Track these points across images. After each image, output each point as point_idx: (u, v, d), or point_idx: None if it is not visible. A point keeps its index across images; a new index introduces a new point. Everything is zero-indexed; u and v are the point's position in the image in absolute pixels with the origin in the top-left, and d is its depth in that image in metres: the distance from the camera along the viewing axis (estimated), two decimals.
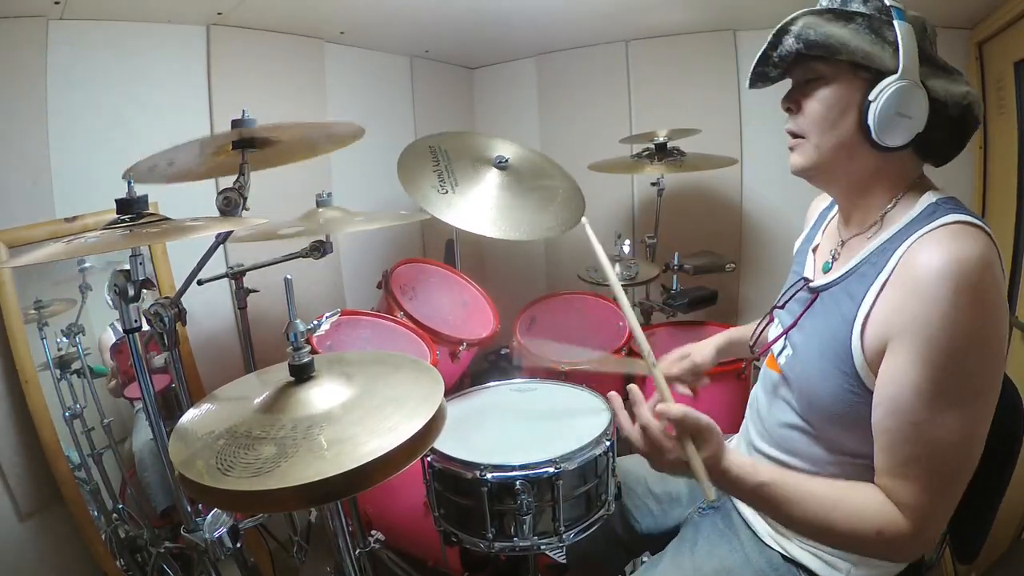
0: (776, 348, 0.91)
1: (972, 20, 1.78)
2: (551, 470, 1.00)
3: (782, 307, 0.93)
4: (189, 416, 0.84)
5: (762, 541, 0.90)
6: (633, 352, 1.74)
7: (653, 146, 1.98)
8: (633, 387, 0.80)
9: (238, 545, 1.01)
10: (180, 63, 1.63)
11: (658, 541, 1.11)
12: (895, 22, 0.72)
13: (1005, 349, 0.69)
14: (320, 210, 1.42)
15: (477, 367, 2.31)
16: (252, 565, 1.22)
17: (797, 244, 1.02)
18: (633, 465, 1.18)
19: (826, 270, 0.86)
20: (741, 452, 1.02)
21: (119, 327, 1.46)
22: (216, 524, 0.99)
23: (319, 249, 1.39)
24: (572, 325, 1.96)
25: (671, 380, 1.10)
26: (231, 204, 0.95)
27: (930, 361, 0.65)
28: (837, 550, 0.81)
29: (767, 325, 0.98)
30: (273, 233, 1.32)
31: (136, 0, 1.44)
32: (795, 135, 0.81)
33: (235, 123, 1.01)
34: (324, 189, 1.45)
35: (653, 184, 2.08)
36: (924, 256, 0.68)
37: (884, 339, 0.70)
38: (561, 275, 2.68)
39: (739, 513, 0.96)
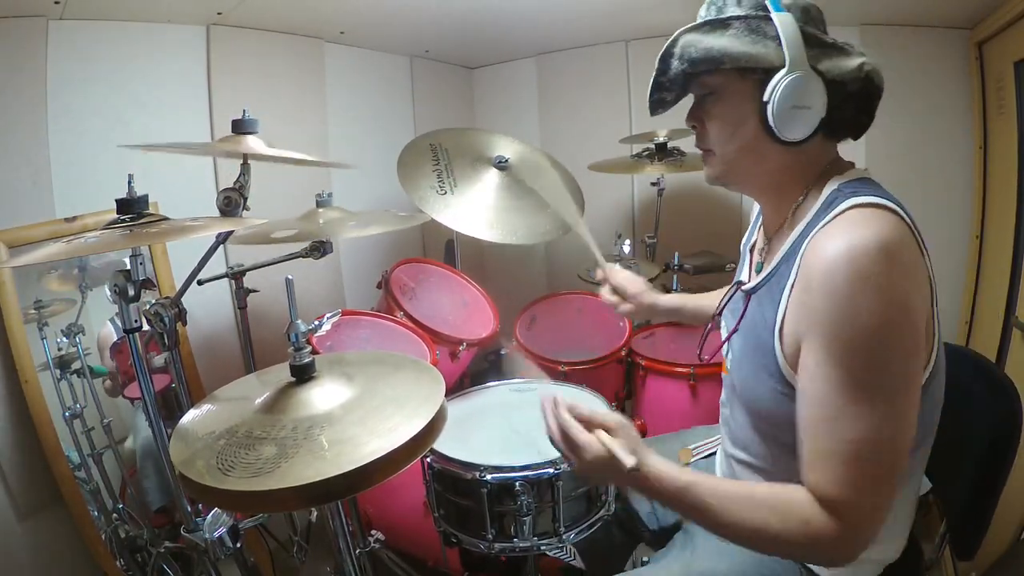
0: (724, 352, 0.92)
1: (972, 20, 1.78)
2: (551, 471, 1.00)
3: (720, 313, 0.93)
4: (189, 416, 0.84)
5: None
6: (633, 352, 1.74)
7: (653, 146, 1.98)
8: (557, 394, 0.81)
9: (238, 545, 1.01)
10: (180, 63, 1.63)
11: (658, 535, 1.11)
12: (773, 15, 0.70)
13: (921, 334, 0.66)
14: (320, 210, 1.42)
15: (477, 367, 2.30)
16: (252, 565, 1.22)
17: (742, 243, 1.02)
18: None
19: (758, 271, 0.86)
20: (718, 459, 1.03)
21: (119, 322, 1.47)
22: (216, 524, 0.99)
23: (319, 249, 1.39)
24: (572, 325, 1.96)
25: (618, 284, 1.18)
26: (231, 204, 0.95)
27: (836, 356, 0.64)
28: (770, 555, 0.78)
29: (710, 331, 0.98)
30: (267, 236, 1.32)
31: (136, 0, 1.44)
32: (703, 149, 0.83)
33: (235, 124, 1.01)
34: (324, 189, 1.45)
35: (653, 184, 2.09)
36: (820, 249, 0.67)
37: (797, 338, 0.69)
38: (561, 275, 2.67)
39: None
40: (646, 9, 2.03)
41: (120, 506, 1.45)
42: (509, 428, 1.19)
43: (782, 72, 0.69)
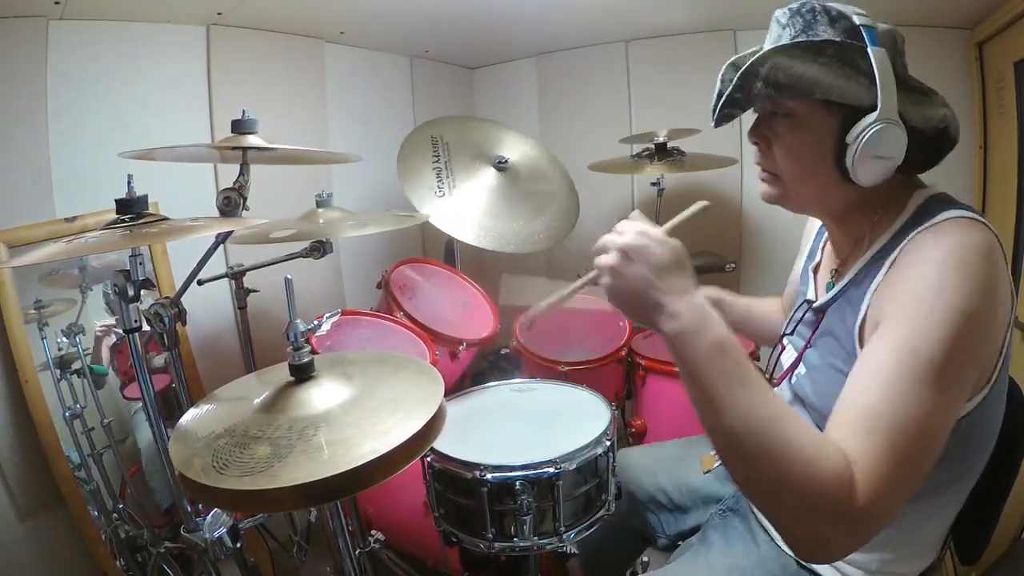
0: (792, 373, 0.89)
1: (972, 20, 1.78)
2: (551, 470, 1.00)
3: (791, 333, 0.91)
4: (189, 416, 0.84)
5: (778, 546, 0.89)
6: (633, 352, 1.74)
7: (653, 146, 1.98)
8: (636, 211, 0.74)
9: (238, 545, 1.01)
10: (180, 63, 1.63)
11: (670, 540, 1.12)
12: (869, 49, 0.67)
13: (994, 345, 0.65)
14: (320, 210, 1.42)
15: (477, 367, 2.30)
16: (252, 565, 1.22)
17: (800, 264, 1.01)
18: (643, 459, 1.19)
19: (828, 289, 0.84)
20: None
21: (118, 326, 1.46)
22: (216, 524, 0.99)
23: (319, 249, 1.38)
24: (572, 325, 1.96)
25: None
26: (231, 204, 0.95)
27: (912, 328, 0.61)
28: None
29: (780, 353, 0.94)
30: (267, 236, 1.31)
31: (136, 0, 1.44)
32: (765, 169, 0.79)
33: (235, 123, 1.01)
34: (324, 189, 1.45)
35: (653, 184, 2.08)
36: (924, 249, 0.65)
37: (877, 322, 0.66)
38: (561, 275, 2.67)
39: (756, 517, 0.96)
40: (646, 9, 2.03)
41: (120, 506, 1.45)
42: (509, 428, 1.19)
43: (872, 117, 0.66)
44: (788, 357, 0.91)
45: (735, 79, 0.71)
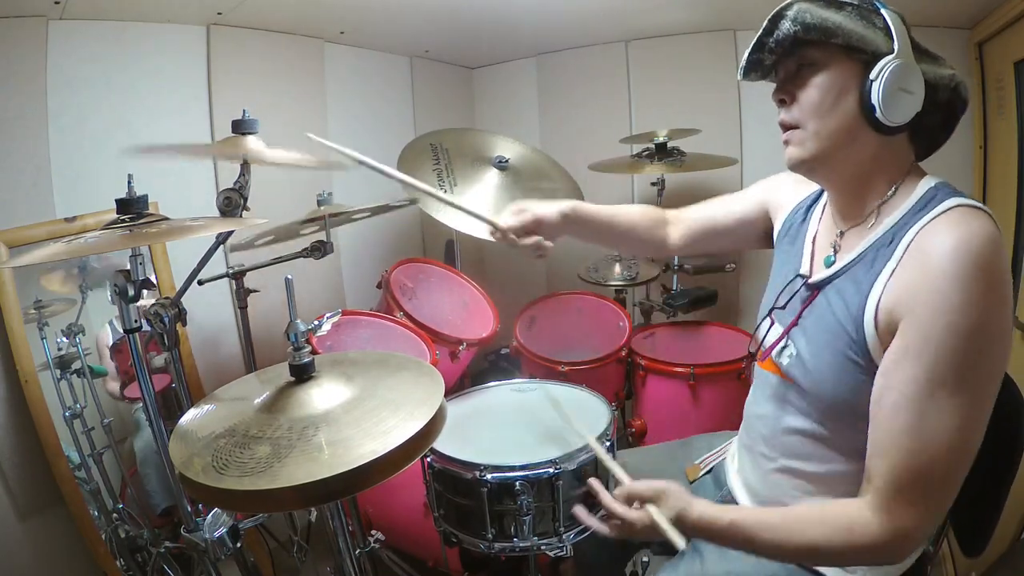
0: (775, 350, 0.88)
1: (972, 20, 1.78)
2: (551, 470, 1.00)
3: (784, 307, 0.89)
4: (189, 416, 0.84)
5: None
6: (633, 352, 1.74)
7: (653, 146, 1.98)
8: (592, 481, 0.92)
9: (238, 545, 1.01)
10: (180, 63, 1.63)
11: (655, 548, 1.11)
12: (882, 9, 0.74)
13: (1011, 337, 0.68)
14: (320, 209, 1.43)
15: (477, 367, 2.30)
16: (252, 565, 1.22)
17: (780, 233, 0.99)
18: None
19: (828, 264, 0.83)
20: (740, 464, 1.02)
21: (117, 325, 1.47)
22: (216, 524, 0.99)
23: (319, 249, 1.39)
24: (572, 325, 1.96)
25: (512, 232, 1.02)
26: (231, 204, 0.95)
27: (941, 340, 0.64)
28: (832, 566, 0.80)
29: (770, 328, 0.93)
30: (267, 236, 1.31)
31: (136, 0, 1.44)
32: (789, 126, 0.79)
33: (235, 124, 1.01)
34: (324, 189, 1.45)
35: (653, 184, 2.08)
36: (936, 238, 0.68)
37: (896, 319, 0.69)
38: (561, 275, 2.67)
39: None
40: (646, 9, 2.03)
41: (120, 506, 1.45)
42: (509, 428, 1.19)
43: (891, 56, 0.71)
44: (775, 333, 0.90)
45: (764, 23, 0.76)
